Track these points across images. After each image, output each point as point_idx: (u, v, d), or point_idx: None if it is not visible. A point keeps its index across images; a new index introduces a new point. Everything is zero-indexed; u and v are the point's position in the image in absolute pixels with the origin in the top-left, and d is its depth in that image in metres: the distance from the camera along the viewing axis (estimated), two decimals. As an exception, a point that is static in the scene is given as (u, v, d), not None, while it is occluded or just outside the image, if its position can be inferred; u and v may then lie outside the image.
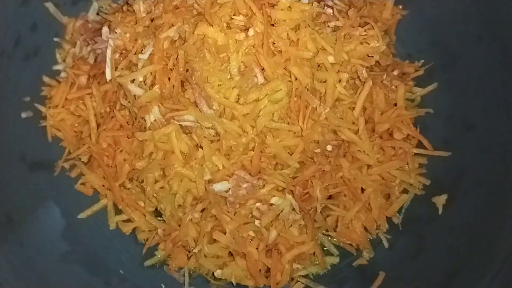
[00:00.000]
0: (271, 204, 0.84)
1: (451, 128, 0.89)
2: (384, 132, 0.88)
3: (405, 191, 0.89)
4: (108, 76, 0.85)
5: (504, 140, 0.82)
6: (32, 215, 0.84)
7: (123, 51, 0.87)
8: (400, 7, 0.95)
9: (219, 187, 0.83)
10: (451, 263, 0.80)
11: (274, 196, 0.84)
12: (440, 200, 0.86)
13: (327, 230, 0.88)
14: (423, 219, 0.87)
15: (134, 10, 0.88)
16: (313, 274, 0.87)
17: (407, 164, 0.87)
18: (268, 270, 0.84)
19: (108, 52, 0.86)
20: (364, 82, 0.86)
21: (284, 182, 0.84)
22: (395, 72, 0.91)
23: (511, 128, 0.82)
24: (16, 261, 0.78)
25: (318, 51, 0.85)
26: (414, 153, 0.88)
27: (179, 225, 0.85)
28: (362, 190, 0.87)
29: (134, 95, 0.84)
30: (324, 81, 0.85)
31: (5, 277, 0.75)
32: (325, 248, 0.89)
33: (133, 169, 0.86)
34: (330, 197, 0.87)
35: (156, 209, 0.88)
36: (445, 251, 0.81)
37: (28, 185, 0.85)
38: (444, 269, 0.80)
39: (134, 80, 0.84)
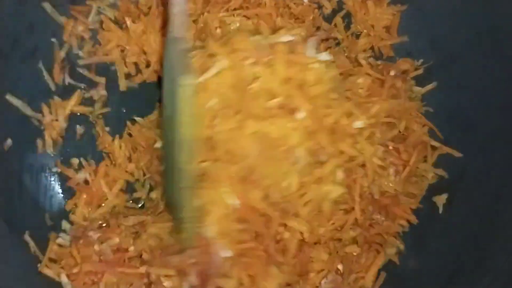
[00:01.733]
0: None
1: (451, 128, 0.89)
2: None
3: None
4: None
5: (504, 139, 0.83)
6: (31, 217, 0.84)
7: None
8: (399, 5, 0.95)
9: None
10: (451, 263, 0.80)
11: None
12: (441, 200, 0.86)
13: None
14: (423, 219, 0.87)
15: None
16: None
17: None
18: None
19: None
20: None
21: None
22: (392, 73, 0.91)
23: (511, 127, 0.83)
24: (16, 265, 0.78)
25: None
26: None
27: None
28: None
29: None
30: None
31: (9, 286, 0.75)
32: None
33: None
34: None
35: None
36: (445, 251, 0.82)
37: (27, 187, 0.85)
38: (444, 269, 0.80)
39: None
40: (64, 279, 0.79)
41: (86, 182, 0.89)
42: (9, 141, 0.83)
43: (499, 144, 0.83)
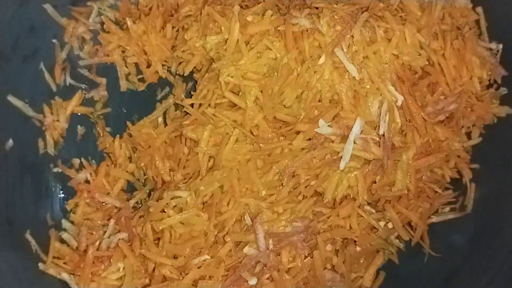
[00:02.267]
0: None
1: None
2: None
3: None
4: None
5: (504, 139, 0.82)
6: (32, 218, 0.84)
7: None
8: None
9: None
10: (451, 263, 0.80)
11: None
12: None
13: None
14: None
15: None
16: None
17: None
18: None
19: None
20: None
21: None
22: None
23: (511, 127, 0.83)
24: (17, 264, 0.78)
25: None
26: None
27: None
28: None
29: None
30: None
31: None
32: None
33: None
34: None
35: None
36: (445, 251, 0.81)
37: (28, 187, 0.85)
38: (444, 269, 0.80)
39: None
40: (66, 276, 0.80)
41: (87, 182, 0.89)
42: (10, 142, 0.84)
43: (499, 143, 0.83)
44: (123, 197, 0.90)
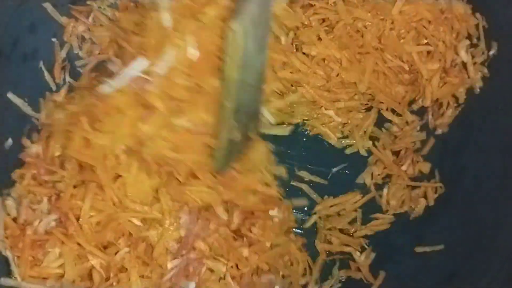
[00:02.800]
0: None
1: (451, 127, 0.89)
2: None
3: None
4: None
5: (504, 139, 0.83)
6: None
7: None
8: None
9: None
10: (451, 263, 0.80)
11: None
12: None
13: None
14: (422, 218, 0.87)
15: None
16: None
17: None
18: None
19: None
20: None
21: None
22: None
23: (511, 128, 0.83)
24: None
25: None
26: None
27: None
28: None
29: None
30: None
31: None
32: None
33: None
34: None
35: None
36: (445, 251, 0.82)
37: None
38: (444, 268, 0.81)
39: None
40: (10, 255, 0.75)
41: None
42: (9, 141, 0.83)
43: (499, 143, 0.83)
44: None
